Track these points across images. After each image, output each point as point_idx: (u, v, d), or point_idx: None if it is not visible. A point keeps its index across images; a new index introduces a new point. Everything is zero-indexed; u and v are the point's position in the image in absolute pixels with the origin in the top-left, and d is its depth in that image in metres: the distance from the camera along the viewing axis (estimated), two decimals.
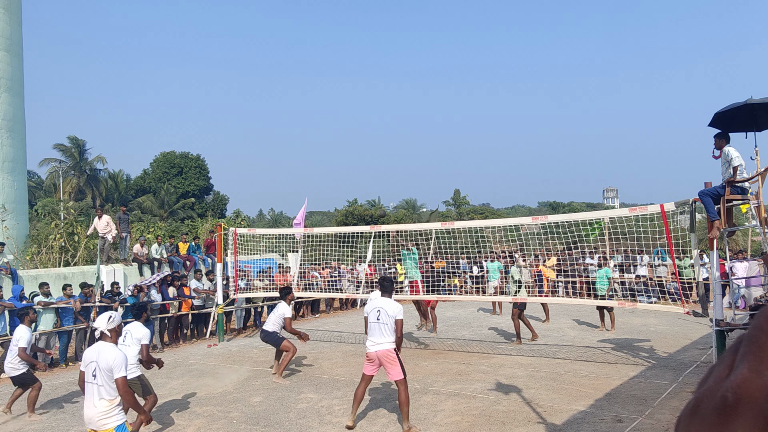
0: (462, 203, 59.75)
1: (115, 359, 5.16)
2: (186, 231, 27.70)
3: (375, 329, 7.32)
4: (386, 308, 7.26)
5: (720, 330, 9.04)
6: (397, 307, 7.28)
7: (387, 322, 7.22)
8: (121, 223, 17.51)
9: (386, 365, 7.21)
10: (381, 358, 7.23)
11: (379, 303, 7.41)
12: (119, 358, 5.19)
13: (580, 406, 8.01)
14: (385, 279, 7.82)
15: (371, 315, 7.42)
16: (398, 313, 7.23)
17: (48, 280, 13.77)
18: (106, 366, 5.14)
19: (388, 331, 7.22)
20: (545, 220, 12.21)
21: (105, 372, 5.14)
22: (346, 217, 41.00)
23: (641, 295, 16.63)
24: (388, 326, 7.22)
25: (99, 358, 5.18)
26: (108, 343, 5.32)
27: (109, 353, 5.19)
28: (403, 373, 7.13)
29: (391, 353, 7.19)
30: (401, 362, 7.20)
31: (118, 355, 5.21)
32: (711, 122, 9.76)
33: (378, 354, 7.24)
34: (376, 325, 7.30)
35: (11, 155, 18.71)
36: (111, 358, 5.15)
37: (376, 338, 7.28)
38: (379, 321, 7.28)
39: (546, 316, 16.13)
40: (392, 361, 7.16)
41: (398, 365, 7.14)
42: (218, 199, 56.13)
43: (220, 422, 7.90)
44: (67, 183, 47.42)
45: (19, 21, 19.72)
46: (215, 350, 13.53)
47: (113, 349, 5.26)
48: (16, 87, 19.22)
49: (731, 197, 9.09)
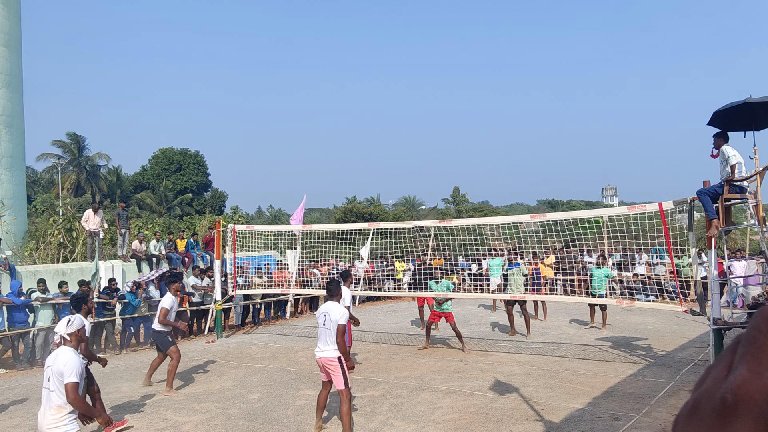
0: (461, 201, 59.69)
1: (67, 363, 4.98)
2: (184, 228, 27.70)
3: (321, 335, 6.95)
4: (330, 313, 6.86)
5: (718, 329, 9.05)
6: (340, 312, 6.82)
7: (331, 327, 6.79)
8: (120, 219, 17.49)
9: (330, 373, 6.86)
10: (324, 365, 6.89)
11: (325, 307, 7.01)
12: (71, 363, 5.00)
13: (577, 403, 8.02)
14: (331, 282, 7.33)
15: (319, 319, 7.05)
16: (340, 318, 6.75)
17: (46, 275, 13.77)
18: (58, 371, 4.98)
19: (331, 337, 6.79)
20: (544, 218, 12.22)
21: (57, 376, 4.98)
22: (345, 214, 40.99)
23: (639, 294, 16.63)
24: (332, 332, 6.77)
25: (54, 362, 5.04)
26: (67, 348, 5.16)
27: (63, 357, 5.03)
28: (345, 384, 6.73)
29: (333, 361, 6.78)
30: (344, 371, 6.77)
31: (71, 359, 5.04)
32: (710, 121, 9.75)
33: (322, 361, 6.90)
34: (322, 330, 6.92)
35: (10, 151, 18.68)
36: (63, 362, 5.00)
37: (321, 344, 6.92)
38: (324, 326, 6.89)
39: (543, 315, 16.14)
40: (334, 370, 6.79)
41: (341, 374, 6.74)
42: (217, 196, 56.09)
43: (218, 419, 7.91)
44: (65, 179, 47.35)
45: (17, 16, 19.67)
46: (213, 347, 13.53)
47: (69, 354, 5.09)
48: (15, 82, 19.18)
49: (730, 196, 9.09)
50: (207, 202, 53.04)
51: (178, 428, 7.58)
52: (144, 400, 8.97)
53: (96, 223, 16.56)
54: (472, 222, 14.99)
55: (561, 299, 13.75)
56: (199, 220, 32.60)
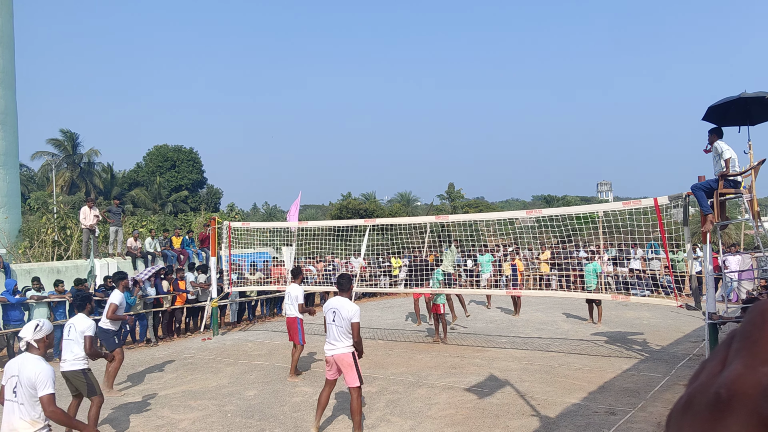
0: (456, 197, 59.70)
1: (39, 374, 4.48)
2: (180, 225, 27.64)
3: (331, 331, 6.88)
4: (341, 310, 6.79)
5: (712, 323, 9.10)
6: (353, 309, 6.77)
7: (342, 324, 6.77)
8: (113, 216, 17.43)
9: (342, 370, 6.84)
10: (337, 362, 6.82)
11: (334, 303, 6.91)
12: (44, 373, 4.51)
13: (573, 398, 8.05)
14: (342, 276, 7.22)
15: (327, 315, 6.94)
16: (354, 316, 6.72)
17: (41, 274, 13.73)
18: (28, 382, 4.46)
19: (344, 333, 6.78)
20: (539, 213, 12.23)
21: (27, 389, 4.46)
22: (341, 210, 40.93)
23: (635, 289, 16.68)
24: (344, 329, 6.77)
25: (21, 371, 4.51)
26: (34, 356, 4.66)
27: (33, 367, 4.51)
28: (359, 381, 6.74)
29: (348, 357, 6.77)
30: (358, 368, 6.81)
31: (43, 369, 4.54)
32: (705, 116, 9.77)
33: (335, 358, 6.83)
34: (332, 327, 6.87)
35: (3, 148, 18.57)
36: (35, 372, 4.48)
37: (332, 341, 6.86)
38: (335, 323, 6.84)
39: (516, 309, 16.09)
40: (348, 367, 6.76)
41: (354, 371, 6.75)
42: (212, 193, 55.99)
43: (214, 416, 7.91)
44: (59, 176, 47.18)
45: (10, 13, 19.55)
46: (209, 344, 13.52)
47: (38, 363, 4.59)
48: (8, 80, 19.07)
49: (724, 191, 9.12)
50: (202, 200, 52.94)
51: (175, 425, 7.57)
52: (140, 398, 8.96)
53: (92, 219, 16.53)
54: (468, 218, 14.99)
55: (557, 294, 13.78)
56: (194, 217, 32.52)
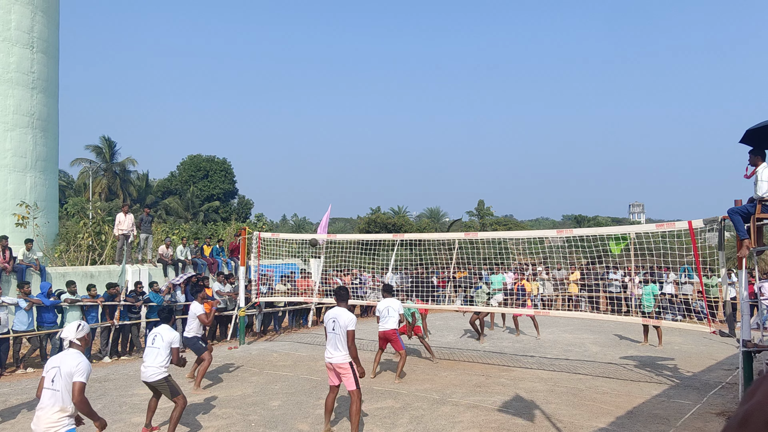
0: (486, 214, 59.36)
1: (79, 365, 5.05)
2: (210, 234, 28.01)
3: (330, 340, 7.30)
4: (339, 319, 7.19)
5: (747, 351, 8.83)
6: (349, 318, 7.17)
7: (339, 333, 7.16)
8: (143, 224, 17.78)
9: (341, 376, 7.26)
10: (336, 369, 7.27)
11: (333, 313, 7.33)
12: (83, 365, 5.08)
13: (600, 423, 7.89)
14: (341, 288, 7.70)
15: (327, 325, 7.36)
16: (349, 324, 7.12)
17: (75, 277, 14.02)
18: (68, 371, 5.03)
19: (341, 342, 7.15)
20: (570, 233, 12.09)
21: (66, 377, 5.02)
22: (369, 224, 41.03)
23: (667, 313, 16.34)
24: (341, 337, 7.14)
25: (62, 363, 5.08)
26: (75, 351, 5.22)
27: (74, 359, 5.10)
28: (356, 385, 7.15)
29: (344, 366, 7.18)
30: (356, 374, 7.18)
31: (83, 361, 5.12)
32: (742, 139, 9.54)
33: (333, 365, 7.27)
34: (331, 335, 7.27)
35: (44, 154, 19.12)
36: (75, 363, 5.05)
37: (331, 349, 7.27)
38: (334, 332, 7.23)
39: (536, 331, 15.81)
40: (346, 373, 7.19)
41: (352, 376, 7.15)
42: (243, 204, 56.66)
43: (239, 425, 7.95)
44: (97, 183, 48.33)
45: (56, 23, 20.20)
46: (236, 353, 13.62)
47: (80, 356, 5.17)
48: (51, 88, 19.66)
49: (762, 216, 8.89)
50: (233, 210, 53.62)
51: None
52: (165, 404, 9.05)
53: (128, 225, 16.94)
54: (497, 235, 14.91)
55: (583, 316, 13.54)
56: (223, 227, 32.93)
